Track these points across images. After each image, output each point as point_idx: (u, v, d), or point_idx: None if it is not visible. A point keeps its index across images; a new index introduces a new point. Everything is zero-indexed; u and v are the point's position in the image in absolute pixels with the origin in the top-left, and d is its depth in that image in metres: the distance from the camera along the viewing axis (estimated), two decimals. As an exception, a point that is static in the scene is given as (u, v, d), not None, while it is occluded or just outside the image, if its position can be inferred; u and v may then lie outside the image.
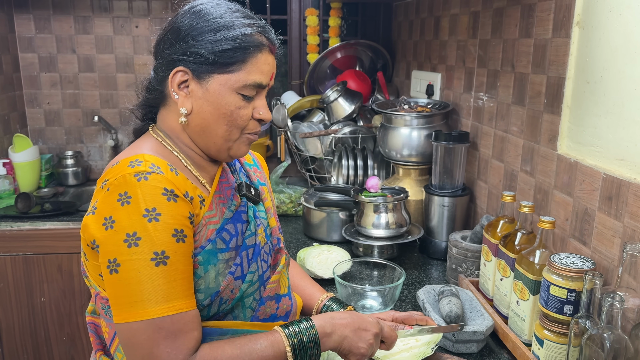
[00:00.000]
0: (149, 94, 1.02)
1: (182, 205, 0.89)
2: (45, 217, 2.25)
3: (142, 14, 2.75)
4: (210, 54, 0.93)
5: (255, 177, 1.17)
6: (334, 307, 1.19)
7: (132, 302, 0.84)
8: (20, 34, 2.70)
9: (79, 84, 2.80)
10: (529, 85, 1.48)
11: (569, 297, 1.04)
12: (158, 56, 1.00)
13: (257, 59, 0.96)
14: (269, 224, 1.10)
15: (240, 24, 0.94)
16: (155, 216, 0.85)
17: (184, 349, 0.85)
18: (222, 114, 0.95)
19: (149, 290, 0.84)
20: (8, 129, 2.60)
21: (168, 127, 1.01)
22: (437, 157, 1.80)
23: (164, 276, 0.85)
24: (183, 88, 0.96)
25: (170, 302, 0.85)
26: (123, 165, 0.89)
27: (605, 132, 1.17)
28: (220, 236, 0.96)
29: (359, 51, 2.80)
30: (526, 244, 1.25)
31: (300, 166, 2.49)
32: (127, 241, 0.84)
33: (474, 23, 1.83)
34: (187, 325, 0.87)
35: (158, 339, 0.84)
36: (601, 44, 1.18)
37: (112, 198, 0.86)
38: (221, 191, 1.03)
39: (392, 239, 1.75)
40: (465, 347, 1.25)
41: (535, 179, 1.46)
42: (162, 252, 0.85)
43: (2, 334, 2.28)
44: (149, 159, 0.91)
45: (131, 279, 0.84)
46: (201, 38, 0.93)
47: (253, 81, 0.96)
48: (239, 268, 0.98)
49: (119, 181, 0.87)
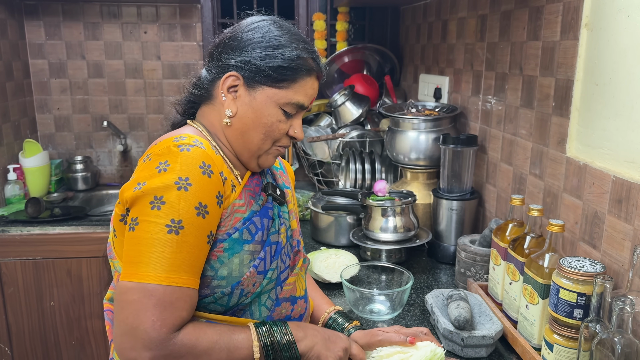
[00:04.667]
0: (196, 90, 1.07)
1: (214, 181, 0.93)
2: (55, 222, 2.27)
3: (151, 20, 2.77)
4: (266, 67, 0.99)
5: (280, 179, 1.20)
6: (339, 321, 1.19)
7: (136, 262, 0.87)
8: (31, 40, 2.73)
9: (88, 90, 2.82)
10: (538, 88, 1.48)
11: (579, 301, 1.03)
12: (214, 57, 1.05)
13: (306, 81, 1.03)
14: (290, 226, 1.13)
15: (297, 47, 1.01)
16: (186, 185, 0.88)
17: (168, 323, 0.86)
18: (262, 123, 1.02)
19: (154, 255, 0.86)
20: (18, 135, 2.62)
21: (209, 123, 1.06)
22: (445, 160, 1.79)
23: (171, 245, 0.87)
24: (232, 92, 1.02)
25: (169, 273, 0.86)
26: (169, 140, 0.94)
27: (615, 134, 1.16)
28: (247, 227, 0.99)
29: (366, 55, 2.80)
30: (535, 248, 1.24)
31: (307, 170, 2.49)
32: (153, 203, 0.87)
33: (482, 26, 1.82)
34: (178, 301, 0.87)
35: (147, 304, 0.85)
36: (610, 45, 1.17)
37: (152, 166, 0.91)
38: (251, 186, 1.07)
39: (400, 242, 1.74)
40: (475, 352, 1.24)
41: (545, 182, 1.45)
42: (180, 221, 0.87)
43: (12, 338, 2.29)
44: (194, 136, 0.96)
45: (142, 239, 0.87)
46: (260, 51, 1.00)
47: (297, 101, 1.03)
48: (263, 263, 1.00)
49: (163, 151, 0.92)
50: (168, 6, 2.76)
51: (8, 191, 2.47)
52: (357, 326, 1.17)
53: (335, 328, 1.17)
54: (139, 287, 0.85)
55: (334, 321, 1.19)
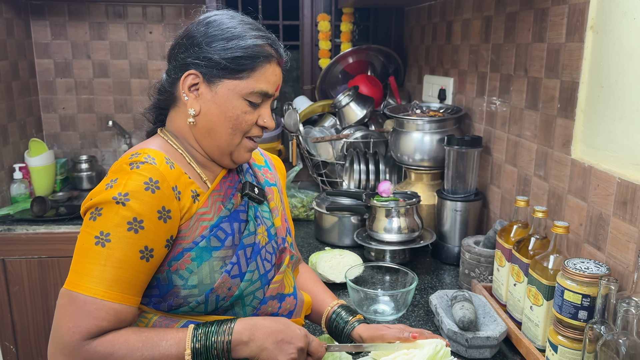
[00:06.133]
0: (160, 95, 1.07)
1: (158, 197, 0.92)
2: (60, 221, 2.28)
3: (156, 20, 2.78)
4: (222, 59, 0.98)
5: (263, 177, 1.18)
6: (342, 315, 1.18)
7: (71, 270, 0.91)
8: (37, 40, 2.74)
9: (93, 89, 2.84)
10: (543, 90, 1.48)
11: (584, 303, 1.04)
12: (172, 59, 1.05)
13: (266, 69, 1.01)
14: (274, 224, 1.11)
15: (252, 35, 1.00)
16: (123, 200, 0.90)
17: (83, 331, 0.86)
18: (228, 117, 1.01)
19: (83, 265, 0.89)
20: (24, 134, 2.63)
21: (176, 128, 1.05)
22: (449, 161, 1.79)
23: (97, 257, 0.88)
24: (193, 90, 1.01)
25: (90, 284, 0.88)
26: (125, 158, 0.97)
27: (620, 136, 1.17)
28: (215, 234, 0.99)
29: (370, 56, 2.80)
30: (540, 249, 1.24)
31: (312, 171, 2.50)
32: (92, 214, 0.91)
33: (487, 27, 1.82)
34: (97, 312, 0.87)
35: (68, 310, 0.88)
36: (615, 47, 1.18)
37: (104, 182, 0.94)
38: (221, 189, 1.06)
39: (404, 243, 1.75)
40: (479, 353, 1.24)
41: (549, 184, 1.46)
42: (107, 234, 0.89)
43: (17, 336, 2.30)
44: (148, 152, 0.97)
45: (77, 248, 0.91)
46: (214, 45, 0.99)
47: (260, 89, 1.01)
48: (236, 267, 0.99)
49: (116, 169, 0.95)
50: (173, 6, 2.77)
51: (14, 190, 2.48)
52: (360, 320, 1.16)
53: (339, 322, 1.17)
54: (66, 293, 0.89)
55: (338, 315, 1.19)
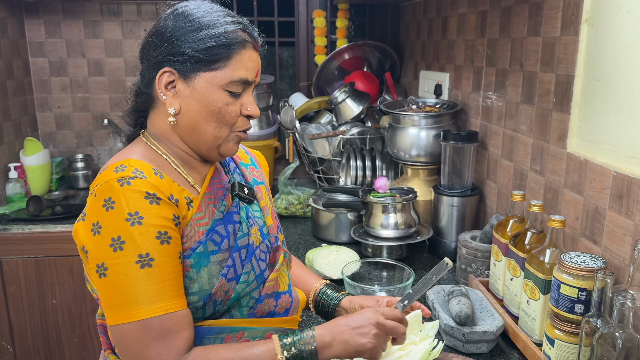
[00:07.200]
0: (137, 98, 1.03)
1: (165, 207, 0.90)
2: (56, 220, 2.27)
3: (151, 18, 2.76)
4: (195, 52, 0.94)
5: (251, 176, 1.16)
6: (328, 292, 1.21)
7: (120, 305, 0.86)
8: (31, 38, 2.73)
9: (88, 88, 2.82)
10: (538, 84, 1.48)
11: (580, 296, 1.04)
12: (144, 60, 1.01)
13: (241, 55, 0.97)
14: (265, 223, 1.10)
15: (223, 22, 0.96)
16: (137, 219, 0.86)
17: (174, 349, 0.86)
18: (210, 111, 0.96)
19: (136, 293, 0.85)
20: (19, 133, 2.62)
21: (158, 129, 1.01)
22: (445, 157, 1.79)
23: (150, 278, 0.86)
24: (170, 88, 0.97)
25: (158, 303, 0.86)
26: (109, 171, 0.91)
27: (615, 129, 1.17)
28: (211, 238, 0.97)
29: (366, 52, 2.80)
30: (536, 244, 1.24)
31: (308, 167, 2.49)
32: (113, 245, 0.86)
33: (482, 22, 1.82)
34: (176, 325, 0.87)
35: (147, 339, 0.85)
36: (610, 41, 1.17)
37: (99, 204, 0.88)
38: (212, 192, 1.03)
39: (401, 239, 1.74)
40: (476, 347, 1.24)
41: (545, 178, 1.46)
42: (147, 254, 0.86)
43: (14, 335, 2.30)
44: (134, 164, 0.92)
45: (118, 282, 0.86)
46: (185, 38, 0.94)
47: (239, 77, 0.97)
48: (232, 269, 0.98)
49: (104, 187, 0.88)
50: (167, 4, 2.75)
51: (9, 189, 2.47)
52: (346, 293, 1.20)
53: (325, 299, 1.19)
54: (135, 326, 0.85)
55: (324, 293, 1.21)
